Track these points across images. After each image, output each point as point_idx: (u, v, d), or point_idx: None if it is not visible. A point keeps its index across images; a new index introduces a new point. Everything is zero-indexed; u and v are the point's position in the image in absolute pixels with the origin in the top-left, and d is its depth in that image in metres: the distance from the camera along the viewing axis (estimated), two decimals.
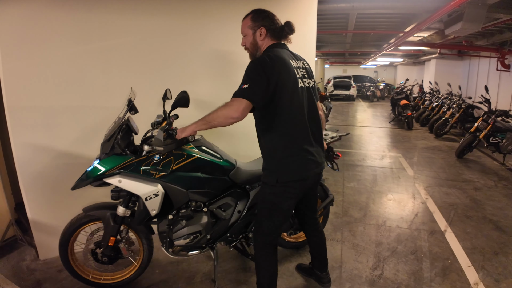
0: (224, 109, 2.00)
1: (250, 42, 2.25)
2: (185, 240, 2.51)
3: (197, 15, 3.38)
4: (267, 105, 2.04)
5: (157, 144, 2.26)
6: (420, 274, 2.96)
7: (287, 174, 2.13)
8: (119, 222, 2.48)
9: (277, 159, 2.13)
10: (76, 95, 3.09)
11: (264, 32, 2.19)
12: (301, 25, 3.70)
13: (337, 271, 3.00)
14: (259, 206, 2.34)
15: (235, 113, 1.95)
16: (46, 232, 3.14)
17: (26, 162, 3.00)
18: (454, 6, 4.77)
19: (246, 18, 2.26)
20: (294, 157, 2.13)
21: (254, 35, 2.22)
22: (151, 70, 3.32)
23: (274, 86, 2.00)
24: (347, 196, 4.77)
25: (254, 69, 2.00)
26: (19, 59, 2.85)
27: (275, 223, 2.27)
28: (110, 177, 2.30)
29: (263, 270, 2.34)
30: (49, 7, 2.86)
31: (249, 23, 2.22)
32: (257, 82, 1.96)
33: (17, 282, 2.85)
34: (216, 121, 2.04)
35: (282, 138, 2.11)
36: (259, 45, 2.23)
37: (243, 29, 2.27)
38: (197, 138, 2.57)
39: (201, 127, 2.14)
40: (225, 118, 2.00)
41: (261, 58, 2.04)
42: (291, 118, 2.10)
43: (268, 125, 2.12)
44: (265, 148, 2.19)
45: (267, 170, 2.20)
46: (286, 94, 2.06)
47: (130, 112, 2.40)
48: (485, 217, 4.11)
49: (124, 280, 2.77)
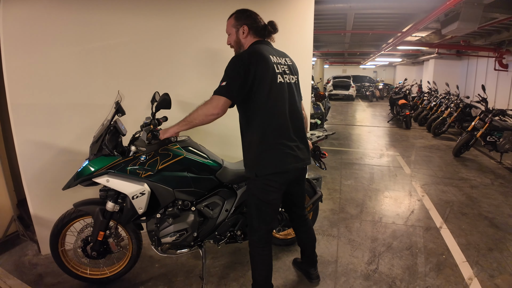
0: (204, 108, 2.11)
1: (234, 40, 2.35)
2: (172, 237, 2.56)
3: (191, 16, 3.42)
4: (246, 100, 2.12)
5: (140, 144, 2.37)
6: (415, 269, 3.00)
7: (264, 167, 2.17)
8: (108, 217, 2.53)
9: (254, 153, 2.18)
10: (78, 93, 3.15)
11: (247, 30, 2.28)
12: (298, 25, 3.77)
13: (332, 265, 3.05)
14: (248, 203, 2.38)
15: (214, 110, 2.06)
16: (48, 227, 3.13)
17: (29, 158, 3.05)
18: (450, 6, 4.82)
19: (230, 18, 2.36)
20: (270, 150, 2.16)
21: (237, 33, 2.31)
22: (149, 70, 3.37)
23: (252, 80, 2.06)
24: (344, 193, 4.82)
25: (232, 66, 2.10)
26: (22, 58, 2.91)
27: (264, 217, 2.30)
28: (99, 177, 2.37)
29: (258, 267, 2.39)
30: (51, 8, 2.92)
31: (233, 22, 2.32)
32: (234, 78, 2.05)
33: (19, 276, 2.89)
34: (197, 120, 2.14)
35: (259, 132, 2.15)
36: (242, 43, 2.32)
37: (228, 28, 2.37)
38: (184, 139, 2.63)
39: (183, 127, 2.22)
40: (205, 116, 2.10)
41: (239, 55, 2.15)
42: (268, 112, 2.14)
43: (248, 120, 2.19)
44: (245, 143, 2.26)
45: (246, 166, 2.27)
46: (264, 89, 2.10)
47: (117, 114, 2.45)
48: (480, 214, 4.16)
49: (116, 274, 2.82)
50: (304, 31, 3.82)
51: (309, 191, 3.14)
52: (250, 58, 2.09)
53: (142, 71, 3.35)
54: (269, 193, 2.23)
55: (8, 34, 2.83)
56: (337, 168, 6.03)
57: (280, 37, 2.65)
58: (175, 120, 2.59)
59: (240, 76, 2.04)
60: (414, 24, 7.20)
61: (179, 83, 3.48)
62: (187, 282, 2.81)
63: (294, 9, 3.72)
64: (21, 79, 2.94)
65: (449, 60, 15.31)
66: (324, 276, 2.88)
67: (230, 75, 2.08)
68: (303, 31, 3.80)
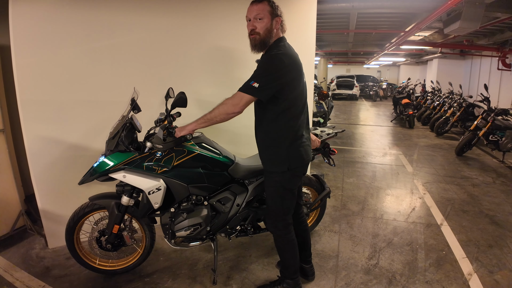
0: (226, 106, 2.15)
1: (266, 27, 2.17)
2: (186, 231, 2.64)
3: (200, 14, 3.49)
4: (274, 100, 2.16)
5: (157, 142, 2.42)
6: (415, 264, 3.05)
7: (296, 160, 2.30)
8: (123, 211, 2.61)
9: (286, 148, 2.27)
10: (85, 91, 3.22)
11: (280, 22, 2.22)
12: (300, 24, 3.82)
13: (333, 260, 3.11)
14: (270, 195, 2.44)
15: (236, 109, 2.12)
16: (55, 222, 3.27)
17: (37, 154, 3.12)
18: (451, 5, 4.86)
19: (262, 2, 2.17)
20: (300, 145, 2.30)
21: (272, 21, 2.18)
22: (155, 67, 3.43)
23: (285, 84, 2.13)
24: (346, 190, 4.87)
25: (269, 67, 2.10)
26: (31, 56, 2.97)
27: (288, 205, 2.44)
28: (115, 173, 2.44)
29: (289, 252, 2.52)
30: (60, 7, 2.99)
31: (269, 8, 2.17)
32: (269, 81, 2.08)
33: (27, 269, 2.98)
34: (218, 118, 2.18)
35: (290, 129, 2.25)
36: (273, 34, 2.21)
37: (261, 13, 2.16)
38: (197, 136, 2.69)
39: (202, 125, 2.27)
40: (226, 114, 2.15)
41: (278, 58, 2.11)
42: (296, 111, 2.25)
43: (275, 119, 2.23)
44: (271, 139, 2.30)
45: (274, 160, 2.31)
46: (295, 91, 2.21)
47: (133, 111, 2.52)
48: (481, 211, 4.20)
49: (128, 266, 2.91)
50: (306, 31, 3.88)
51: (317, 187, 3.22)
52: (289, 62, 2.13)
53: (150, 69, 3.41)
54: (295, 183, 2.40)
55: (18, 32, 2.89)
56: (339, 166, 6.07)
57: None
58: (188, 115, 2.65)
59: (277, 78, 2.09)
60: (417, 24, 7.24)
61: (186, 80, 3.55)
62: (191, 275, 2.89)
63: (297, 9, 3.78)
64: (31, 76, 3.00)
65: (453, 60, 15.31)
66: (326, 270, 2.95)
67: (265, 76, 2.09)
68: (305, 30, 3.86)
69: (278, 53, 2.13)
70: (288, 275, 2.57)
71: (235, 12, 3.48)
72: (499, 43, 9.74)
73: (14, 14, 2.85)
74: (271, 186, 2.40)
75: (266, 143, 2.34)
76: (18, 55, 2.93)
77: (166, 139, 2.41)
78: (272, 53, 2.14)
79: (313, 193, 3.33)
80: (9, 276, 2.88)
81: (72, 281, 2.83)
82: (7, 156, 3.39)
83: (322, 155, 3.20)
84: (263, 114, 2.28)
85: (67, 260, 3.10)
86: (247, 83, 2.11)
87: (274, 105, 2.19)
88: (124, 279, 2.85)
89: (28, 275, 2.91)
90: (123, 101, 3.12)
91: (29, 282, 2.81)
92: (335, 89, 21.02)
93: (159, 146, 2.42)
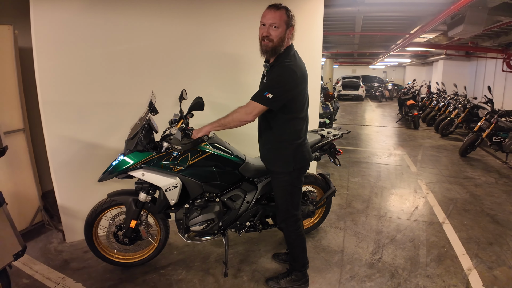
0: (240, 114, 2.30)
1: (280, 36, 2.22)
2: (200, 226, 2.80)
3: (215, 20, 3.62)
4: (284, 108, 2.31)
5: (176, 143, 2.56)
6: (417, 259, 3.19)
7: (301, 160, 2.51)
8: (140, 207, 2.76)
9: (292, 150, 2.44)
10: (103, 92, 3.36)
11: (292, 32, 2.29)
12: (308, 28, 3.93)
13: (339, 255, 3.25)
14: (279, 194, 2.61)
15: (248, 117, 2.28)
16: (72, 216, 3.42)
17: (57, 152, 3.26)
18: (455, 10, 4.98)
19: (280, 10, 2.21)
20: (304, 146, 2.51)
21: (286, 30, 2.23)
22: (169, 71, 3.57)
23: (296, 95, 2.30)
24: (351, 190, 5.01)
25: (283, 80, 2.22)
26: (53, 59, 3.10)
27: (297, 202, 2.63)
28: (134, 171, 2.60)
29: (300, 246, 2.71)
30: (81, 12, 3.12)
31: (285, 18, 2.21)
32: (281, 92, 2.22)
33: (45, 262, 3.12)
34: (231, 124, 2.35)
35: (295, 133, 2.43)
36: (285, 43, 2.27)
37: (277, 21, 2.20)
38: (211, 136, 2.84)
39: (216, 128, 2.44)
40: (240, 121, 2.32)
41: (291, 69, 2.21)
42: (301, 118, 2.44)
43: (284, 124, 2.40)
44: (278, 143, 2.46)
45: (282, 162, 2.48)
46: (302, 101, 2.38)
47: (151, 113, 2.67)
48: (483, 211, 4.32)
49: (144, 259, 3.06)
50: (313, 34, 3.99)
51: (323, 185, 3.37)
52: (300, 74, 2.25)
53: (164, 72, 3.55)
54: (301, 180, 2.60)
55: (39, 36, 3.01)
56: (345, 166, 6.20)
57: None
58: (199, 115, 2.81)
59: (289, 90, 2.24)
60: (422, 26, 7.34)
61: (198, 82, 3.67)
62: (203, 267, 3.05)
63: (304, 12, 3.89)
64: (52, 78, 3.13)
65: (458, 61, 15.31)
66: (331, 264, 3.10)
67: (278, 88, 2.21)
68: (312, 33, 3.98)
69: (290, 64, 2.22)
70: (297, 268, 2.74)
71: (243, 20, 3.63)
72: (503, 45, 9.77)
73: (35, 18, 2.96)
74: (280, 185, 2.56)
75: (274, 146, 2.49)
76: (40, 58, 3.05)
77: (183, 140, 2.56)
78: (285, 65, 2.22)
79: (319, 191, 3.47)
80: (28, 269, 3.01)
81: (90, 273, 2.97)
82: (27, 154, 3.53)
83: (328, 155, 3.35)
84: (272, 121, 2.41)
85: (85, 253, 3.24)
86: (261, 93, 2.23)
87: (283, 113, 2.34)
88: (140, 271, 3.00)
89: (47, 268, 3.04)
90: (138, 103, 3.27)
91: (48, 274, 2.94)
92: (340, 90, 21.03)
93: (178, 147, 2.56)
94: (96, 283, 2.85)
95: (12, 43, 3.31)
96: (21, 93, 3.46)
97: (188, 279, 2.89)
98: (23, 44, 3.62)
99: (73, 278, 2.90)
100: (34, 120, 3.78)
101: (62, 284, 2.82)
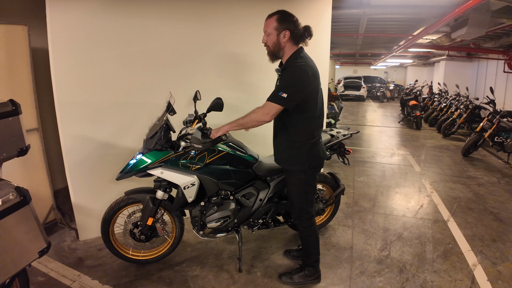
0: (257, 114, 2.39)
1: (273, 42, 2.39)
2: (217, 223, 2.89)
3: (229, 23, 3.71)
4: (299, 107, 2.39)
5: (196, 142, 2.65)
6: (423, 256, 3.29)
7: (316, 159, 2.60)
8: (157, 205, 2.84)
9: (307, 149, 2.53)
10: (118, 93, 3.42)
11: (288, 34, 2.36)
12: (315, 30, 4.00)
13: (348, 251, 3.35)
14: (294, 192, 2.70)
15: (266, 117, 2.37)
16: (86, 215, 3.48)
17: (72, 151, 3.32)
18: (459, 13, 5.07)
19: (271, 17, 2.38)
20: (319, 145, 2.59)
21: (278, 36, 2.37)
22: (182, 72, 3.65)
23: (309, 94, 2.38)
24: (357, 189, 5.11)
25: (295, 79, 2.32)
26: (68, 59, 3.16)
27: (311, 199, 2.74)
28: (153, 169, 2.68)
29: (314, 243, 2.81)
30: (95, 14, 3.19)
31: (275, 24, 2.35)
32: (295, 92, 2.31)
33: (60, 260, 3.19)
34: (249, 124, 2.44)
35: (310, 132, 2.52)
36: (282, 46, 2.40)
37: (267, 28, 2.39)
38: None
39: (234, 128, 2.52)
40: (257, 121, 2.40)
41: (301, 69, 2.31)
42: (316, 115, 2.51)
43: (299, 123, 2.48)
44: (294, 142, 2.54)
45: (298, 160, 2.57)
46: (316, 98, 2.46)
47: (169, 113, 2.74)
48: (486, 209, 4.42)
49: (159, 255, 3.14)
50: (321, 36, 4.07)
51: (332, 184, 3.47)
52: (312, 73, 2.33)
53: (178, 72, 3.63)
54: (316, 178, 2.69)
55: (55, 37, 3.06)
56: (349, 166, 6.20)
57: None
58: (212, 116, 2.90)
59: (303, 89, 2.33)
60: (425, 28, 7.43)
61: (210, 83, 3.75)
62: (218, 263, 3.14)
63: (312, 15, 3.97)
64: (67, 79, 3.19)
65: (460, 62, 15.33)
66: (341, 260, 3.20)
67: (293, 88, 2.30)
68: (320, 35, 4.05)
69: (301, 64, 2.32)
70: (310, 263, 2.84)
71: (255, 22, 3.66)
72: (505, 46, 9.84)
73: (51, 19, 3.01)
74: (295, 183, 2.64)
75: (290, 146, 2.57)
76: (56, 58, 3.10)
77: (203, 140, 2.64)
78: (296, 65, 2.33)
79: (328, 190, 3.57)
80: (43, 267, 3.06)
81: (106, 270, 3.03)
82: (41, 153, 3.59)
83: (337, 155, 3.44)
84: (288, 121, 2.50)
85: (99, 251, 3.32)
86: (276, 94, 2.32)
87: (297, 113, 2.43)
88: (156, 267, 3.08)
89: (62, 265, 3.10)
90: (152, 103, 3.35)
91: (64, 272, 3.00)
92: (343, 90, 21.04)
93: (199, 146, 2.64)
94: (112, 280, 2.90)
95: (27, 43, 3.36)
96: (35, 94, 3.50)
97: (203, 275, 2.98)
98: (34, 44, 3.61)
99: (89, 275, 2.96)
100: (45, 120, 3.83)
101: (78, 281, 2.88)
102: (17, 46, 3.31)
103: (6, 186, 2.00)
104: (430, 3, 5.73)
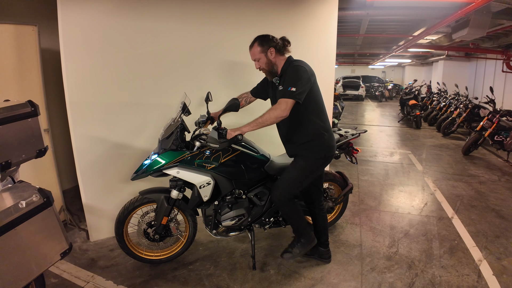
0: (275, 111, 2.51)
1: (265, 62, 2.70)
2: (232, 221, 2.96)
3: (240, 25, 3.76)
4: (306, 100, 2.57)
5: (212, 142, 2.73)
6: (431, 252, 3.38)
7: (332, 149, 2.79)
8: (172, 204, 2.88)
9: (324, 139, 2.71)
10: (129, 94, 3.46)
11: (273, 51, 2.67)
12: (322, 31, 4.09)
13: (357, 249, 3.43)
14: (291, 175, 2.79)
15: (283, 113, 2.50)
16: (97, 215, 3.51)
17: (83, 151, 3.34)
18: (461, 15, 5.17)
19: (253, 46, 2.71)
20: (331, 136, 2.80)
21: (266, 56, 2.68)
22: (193, 73, 3.70)
23: (312, 85, 2.59)
24: (362, 187, 5.20)
25: (299, 74, 2.55)
26: (80, 60, 3.19)
27: (301, 187, 2.88)
28: (169, 169, 2.74)
29: (294, 219, 2.91)
30: (107, 15, 3.22)
31: (258, 48, 2.67)
32: (302, 85, 2.51)
33: (72, 261, 3.18)
34: (268, 122, 2.54)
35: (322, 126, 2.72)
36: (273, 62, 2.70)
37: (255, 56, 2.72)
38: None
39: (254, 128, 2.59)
40: (276, 118, 2.53)
41: (300, 67, 2.58)
42: (322, 105, 2.75)
43: (308, 120, 2.68)
44: (310, 135, 2.70)
45: (316, 148, 2.71)
46: (318, 92, 2.71)
47: (184, 114, 2.79)
48: (488, 206, 4.51)
49: (172, 255, 3.18)
50: (327, 36, 4.15)
51: (341, 183, 3.55)
52: (310, 69, 2.61)
53: (188, 74, 3.67)
54: (322, 168, 2.88)
55: (67, 38, 3.08)
56: (353, 165, 6.33)
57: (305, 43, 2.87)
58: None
59: (306, 82, 2.54)
60: (426, 29, 7.52)
61: (220, 84, 3.81)
62: (231, 262, 3.21)
63: (319, 17, 4.05)
64: (79, 80, 3.21)
65: (458, 62, 15.44)
66: (352, 257, 3.28)
67: (298, 82, 2.50)
68: (326, 36, 4.13)
69: (298, 64, 2.62)
70: (303, 235, 2.96)
71: (264, 25, 3.77)
72: (503, 46, 9.95)
73: (63, 20, 3.04)
74: (298, 168, 2.77)
75: (308, 138, 2.72)
76: (68, 60, 3.12)
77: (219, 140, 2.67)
78: (294, 65, 2.61)
79: (337, 188, 3.65)
80: (55, 269, 3.03)
81: (119, 270, 3.04)
82: (51, 154, 3.58)
83: (345, 154, 3.53)
84: (302, 117, 2.68)
85: (111, 251, 3.35)
86: (286, 90, 2.50)
87: (305, 110, 2.65)
88: (169, 267, 3.11)
89: (74, 267, 3.10)
90: (163, 104, 3.39)
91: (77, 273, 3.00)
92: (341, 90, 21.12)
93: (215, 146, 2.72)
94: (126, 280, 2.92)
95: (37, 44, 3.37)
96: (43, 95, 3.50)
97: (217, 274, 3.02)
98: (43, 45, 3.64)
99: (102, 276, 2.97)
100: (55, 121, 3.86)
101: (92, 282, 2.89)
102: (27, 46, 3.32)
103: (29, 188, 2.01)
104: (432, 4, 5.82)
